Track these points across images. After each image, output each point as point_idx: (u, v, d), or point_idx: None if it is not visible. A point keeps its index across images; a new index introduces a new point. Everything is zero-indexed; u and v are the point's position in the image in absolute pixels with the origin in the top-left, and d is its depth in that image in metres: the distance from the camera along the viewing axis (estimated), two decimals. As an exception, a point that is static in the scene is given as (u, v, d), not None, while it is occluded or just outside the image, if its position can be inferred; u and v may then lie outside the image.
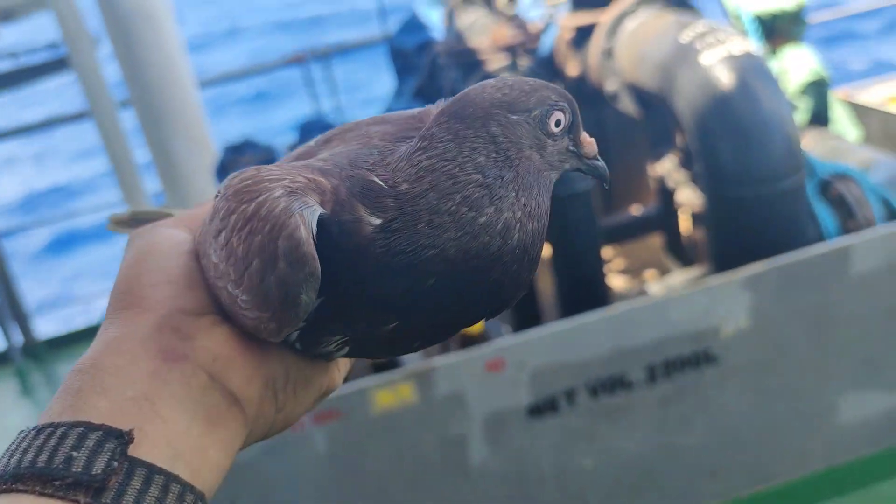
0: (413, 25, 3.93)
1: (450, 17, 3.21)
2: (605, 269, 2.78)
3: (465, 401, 2.27)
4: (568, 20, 3.08)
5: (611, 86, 3.02)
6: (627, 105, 3.06)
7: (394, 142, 0.52)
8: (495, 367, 2.29)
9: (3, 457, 0.46)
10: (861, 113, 3.55)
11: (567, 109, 0.52)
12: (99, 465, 0.44)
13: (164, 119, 3.76)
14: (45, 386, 4.67)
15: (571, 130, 0.53)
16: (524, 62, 2.94)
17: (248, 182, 0.49)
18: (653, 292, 3.22)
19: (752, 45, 2.60)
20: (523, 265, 0.49)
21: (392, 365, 2.47)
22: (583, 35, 3.08)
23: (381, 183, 0.48)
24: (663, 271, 3.83)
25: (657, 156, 3.31)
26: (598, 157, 0.56)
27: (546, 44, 3.18)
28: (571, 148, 0.53)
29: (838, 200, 2.70)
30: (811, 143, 3.07)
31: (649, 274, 3.98)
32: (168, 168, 3.75)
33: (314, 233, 0.47)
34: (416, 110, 0.57)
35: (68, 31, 3.87)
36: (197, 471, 0.48)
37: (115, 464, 0.44)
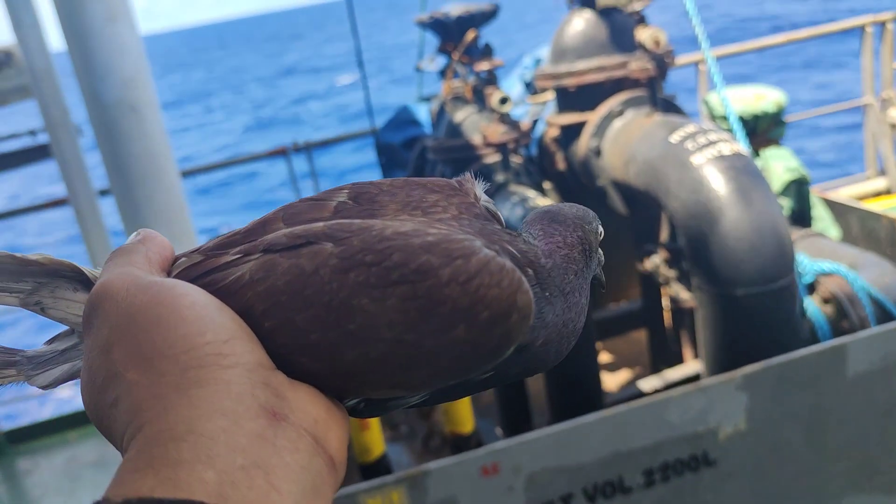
0: (400, 121, 3.97)
1: (439, 113, 3.24)
2: (598, 368, 2.74)
3: (459, 507, 2.18)
4: (555, 118, 3.12)
5: (599, 183, 3.04)
6: (615, 202, 3.08)
7: (473, 216, 0.57)
8: (490, 471, 2.22)
9: None
10: (840, 211, 3.61)
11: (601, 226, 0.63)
12: None
13: (145, 209, 3.72)
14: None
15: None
16: (515, 159, 2.95)
17: (433, 240, 0.49)
18: (644, 390, 3.18)
19: (741, 145, 2.63)
20: (577, 336, 0.58)
21: (381, 470, 2.39)
22: (570, 133, 3.12)
23: (518, 254, 0.53)
24: (647, 368, 3.80)
25: (643, 252, 3.31)
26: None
27: (534, 141, 3.22)
28: (601, 257, 0.64)
29: (830, 300, 2.70)
30: (796, 243, 3.09)
31: (634, 370, 3.95)
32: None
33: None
34: (450, 180, 0.61)
35: (51, 120, 3.84)
36: None
37: None
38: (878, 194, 5.20)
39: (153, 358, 0.45)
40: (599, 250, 0.62)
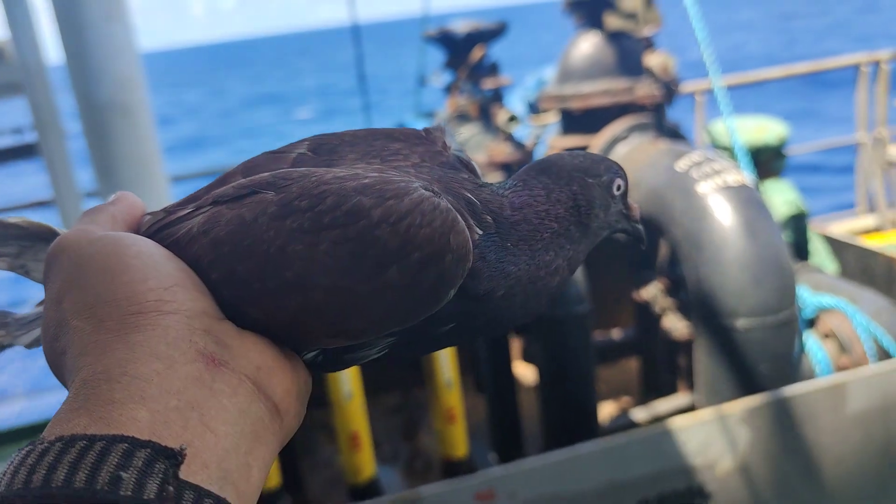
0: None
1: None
2: (596, 396, 2.69)
3: (452, 533, 2.13)
4: (558, 140, 3.10)
5: (599, 207, 3.01)
6: (615, 227, 3.05)
7: (439, 164, 0.56)
8: (485, 497, 2.17)
9: (15, 470, 0.37)
10: (836, 246, 3.60)
11: (625, 178, 0.62)
12: (151, 489, 0.38)
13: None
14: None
15: (625, 196, 0.62)
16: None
17: (368, 181, 0.48)
18: (636, 421, 3.14)
19: (748, 176, 2.61)
20: (549, 297, 0.57)
21: (372, 492, 2.32)
22: (572, 156, 3.09)
23: (478, 202, 0.53)
24: (637, 397, 3.76)
25: (641, 280, 3.28)
26: (639, 222, 0.65)
27: (535, 162, 3.19)
28: (624, 211, 0.62)
29: (830, 335, 2.68)
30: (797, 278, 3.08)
31: (623, 400, 3.91)
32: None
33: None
34: (419, 131, 0.60)
35: (40, 118, 3.77)
36: (243, 494, 0.43)
37: (171, 488, 0.38)
38: (867, 231, 5.23)
39: (96, 305, 0.46)
40: (620, 204, 0.61)
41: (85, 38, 3.62)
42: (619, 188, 0.61)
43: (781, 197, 3.31)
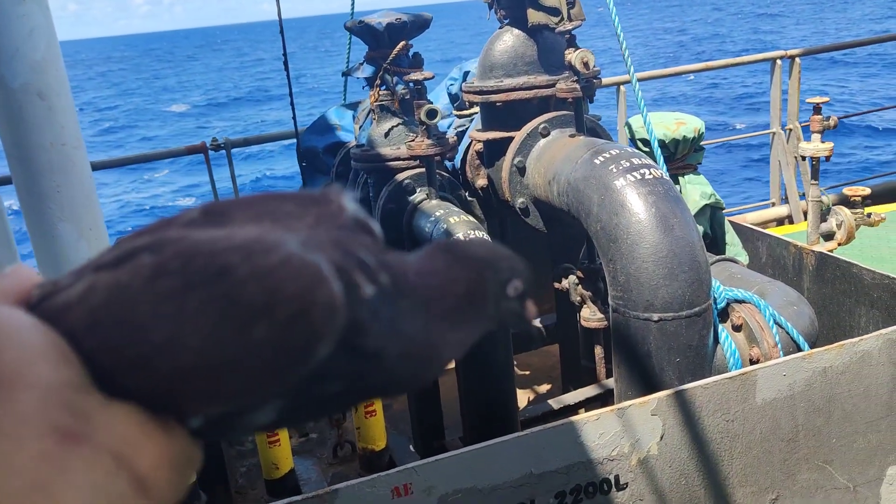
0: (322, 126, 3.89)
1: (364, 122, 3.18)
2: (515, 387, 2.72)
3: (369, 529, 2.13)
4: (480, 134, 3.11)
5: (521, 201, 3.04)
6: (536, 220, 3.08)
7: (334, 226, 0.56)
8: (401, 492, 2.17)
9: None
10: (749, 237, 3.71)
11: (524, 278, 0.61)
12: None
13: (51, 203, 3.53)
14: None
15: (522, 297, 0.61)
16: (439, 172, 2.92)
17: (239, 241, 0.47)
18: (555, 407, 3.19)
19: (663, 170, 2.66)
20: (441, 367, 0.57)
21: (289, 488, 2.31)
22: (494, 149, 3.11)
23: (374, 261, 0.52)
24: (558, 383, 3.82)
25: (560, 271, 3.33)
26: (533, 321, 0.64)
27: (458, 154, 3.19)
28: (518, 310, 0.62)
29: (741, 327, 2.76)
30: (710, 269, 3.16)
31: (545, 386, 3.97)
32: (53, 253, 3.50)
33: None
34: (317, 193, 0.59)
35: (-54, 104, 3.60)
36: None
37: None
38: (780, 222, 5.40)
39: None
40: (515, 303, 0.60)
41: (-6, 18, 3.47)
42: (515, 290, 0.60)
43: (698, 190, 3.39)
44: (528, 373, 4.07)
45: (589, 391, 3.15)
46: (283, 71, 3.13)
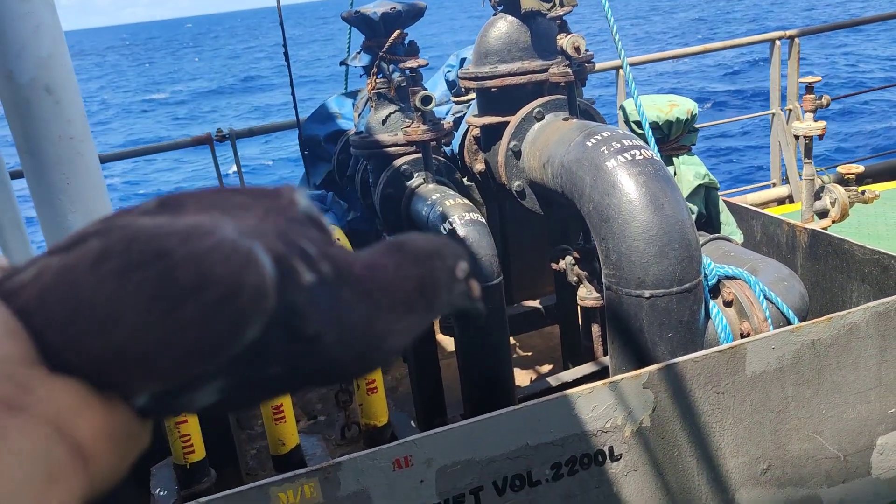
0: (323, 115, 3.97)
1: (363, 109, 3.26)
2: (511, 364, 2.80)
3: (371, 499, 2.22)
4: (476, 119, 3.18)
5: (517, 184, 3.11)
6: (532, 203, 3.16)
7: (284, 219, 0.57)
8: (402, 464, 2.25)
9: None
10: (744, 216, 3.77)
11: (468, 260, 0.65)
12: None
13: (60, 195, 3.62)
14: None
15: (468, 277, 0.66)
16: (435, 157, 2.99)
17: (180, 226, 0.50)
18: (553, 385, 3.26)
19: (654, 151, 2.73)
20: (387, 355, 0.60)
21: (295, 463, 2.40)
22: (490, 133, 3.18)
23: (317, 252, 0.54)
24: (559, 363, 3.89)
25: (557, 252, 3.40)
26: (480, 299, 0.69)
27: (455, 140, 3.26)
28: (466, 291, 0.66)
29: (732, 302, 2.83)
30: (704, 247, 3.22)
31: (547, 366, 4.04)
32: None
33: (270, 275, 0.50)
34: (270, 187, 0.61)
35: (-42, 100, 3.69)
36: None
37: None
38: (780, 202, 5.45)
39: None
40: (463, 285, 0.64)
41: (1, 15, 3.55)
42: (462, 271, 0.64)
43: (692, 170, 3.45)
44: (530, 354, 4.14)
45: (586, 368, 3.22)
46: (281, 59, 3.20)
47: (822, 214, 3.73)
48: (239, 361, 0.51)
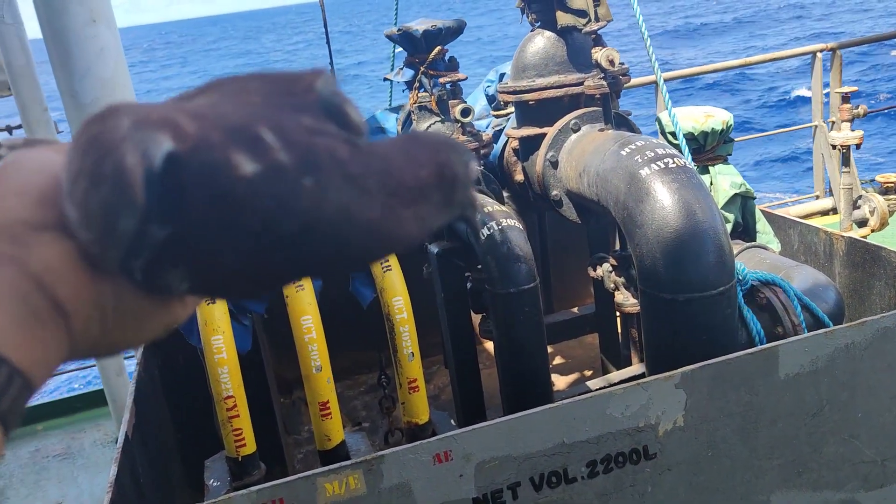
0: (370, 128, 4.11)
1: (405, 122, 3.39)
2: (548, 365, 2.89)
3: (412, 492, 2.31)
4: (515, 131, 3.29)
5: (554, 193, 3.21)
6: (569, 211, 3.25)
7: (281, 103, 0.56)
8: (442, 458, 2.34)
9: None
10: (782, 225, 3.81)
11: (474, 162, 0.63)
12: None
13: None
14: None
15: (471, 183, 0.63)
16: (475, 168, 3.10)
17: (107, 110, 0.53)
18: (593, 389, 3.33)
19: (687, 160, 2.81)
20: (399, 243, 0.56)
21: (340, 458, 2.52)
22: (528, 145, 3.28)
23: (273, 137, 0.52)
24: (598, 371, 3.96)
25: (595, 260, 3.48)
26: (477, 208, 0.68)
27: (495, 152, 3.37)
28: (471, 197, 0.62)
29: (766, 306, 2.88)
30: (739, 255, 3.28)
31: (585, 373, 4.11)
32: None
33: (155, 165, 0.49)
34: (296, 72, 0.59)
35: (28, 117, 3.93)
36: (20, 362, 0.50)
37: None
38: (824, 213, 5.44)
39: None
40: (469, 186, 0.60)
41: (69, 39, 3.78)
42: (473, 171, 0.61)
43: (728, 179, 3.51)
44: (570, 361, 4.22)
45: (623, 373, 3.29)
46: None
47: (862, 224, 3.75)
48: (175, 251, 0.52)
